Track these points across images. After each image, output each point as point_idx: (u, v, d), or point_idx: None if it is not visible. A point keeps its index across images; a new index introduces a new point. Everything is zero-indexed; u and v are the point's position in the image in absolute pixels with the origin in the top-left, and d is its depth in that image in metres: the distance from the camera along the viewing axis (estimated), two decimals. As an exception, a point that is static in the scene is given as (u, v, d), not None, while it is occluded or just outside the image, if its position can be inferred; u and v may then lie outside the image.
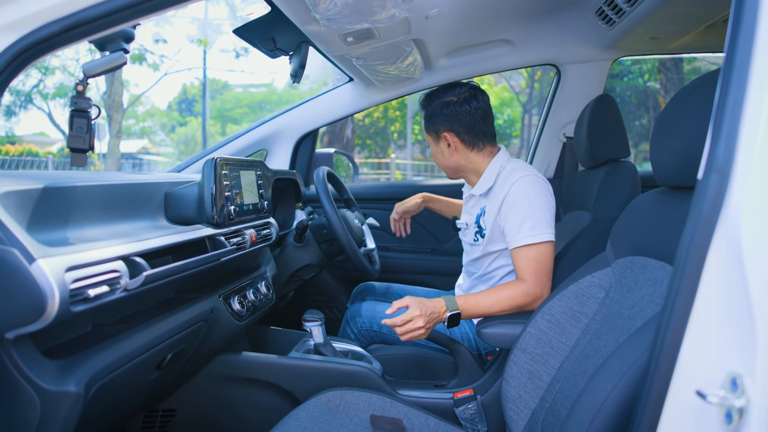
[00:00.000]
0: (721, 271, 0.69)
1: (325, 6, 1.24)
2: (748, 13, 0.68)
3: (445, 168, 1.78)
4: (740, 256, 0.66)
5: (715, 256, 0.69)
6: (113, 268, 0.99)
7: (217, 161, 1.50)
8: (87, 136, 1.14)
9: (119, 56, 1.19)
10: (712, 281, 0.69)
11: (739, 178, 0.67)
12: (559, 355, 1.34)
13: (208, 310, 1.44)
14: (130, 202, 1.37)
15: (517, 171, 1.62)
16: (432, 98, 1.73)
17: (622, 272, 1.26)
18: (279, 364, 1.58)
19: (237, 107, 24.40)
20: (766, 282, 0.65)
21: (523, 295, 1.53)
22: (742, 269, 0.66)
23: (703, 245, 0.70)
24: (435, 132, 1.73)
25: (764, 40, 0.67)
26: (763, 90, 0.66)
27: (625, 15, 1.77)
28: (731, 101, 0.68)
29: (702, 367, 0.70)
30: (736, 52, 0.69)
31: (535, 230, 1.55)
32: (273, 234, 1.81)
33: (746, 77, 0.67)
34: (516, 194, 1.58)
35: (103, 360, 1.05)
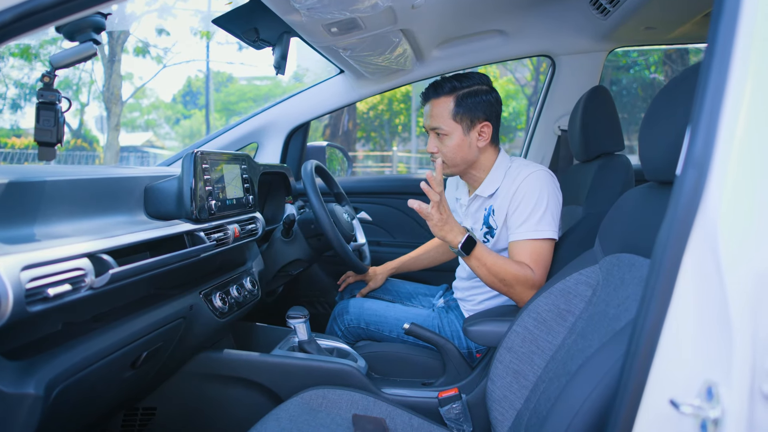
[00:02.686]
0: (698, 273, 0.65)
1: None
2: (729, 9, 0.64)
3: (461, 162, 1.65)
4: (718, 256, 0.62)
5: (692, 257, 0.65)
6: (77, 266, 0.96)
7: (197, 155, 1.47)
8: (54, 129, 1.11)
9: (88, 47, 1.16)
10: (689, 283, 0.65)
11: (717, 174, 0.63)
12: (545, 355, 1.30)
13: (186, 307, 1.40)
14: (107, 197, 1.34)
15: (526, 167, 1.59)
16: (455, 84, 1.61)
17: (610, 270, 1.22)
18: (261, 362, 1.55)
19: (241, 100, 24.38)
20: (744, 284, 0.61)
21: (524, 282, 1.50)
22: (720, 271, 0.62)
23: (679, 246, 0.66)
24: (469, 120, 1.60)
25: (744, 34, 0.63)
26: (742, 85, 0.62)
27: (619, 4, 1.72)
28: (710, 96, 0.64)
29: (677, 374, 0.66)
30: (715, 47, 0.65)
31: (539, 226, 1.53)
32: (259, 229, 1.78)
33: (726, 72, 0.63)
34: (526, 189, 1.55)
35: (69, 359, 1.02)
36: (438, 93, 1.62)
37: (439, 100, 1.62)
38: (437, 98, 1.62)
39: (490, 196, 1.65)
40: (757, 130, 0.62)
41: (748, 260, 0.61)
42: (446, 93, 1.61)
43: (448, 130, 1.61)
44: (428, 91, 1.65)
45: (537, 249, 1.52)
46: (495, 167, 1.66)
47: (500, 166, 1.65)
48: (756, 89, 0.62)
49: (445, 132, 1.61)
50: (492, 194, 1.64)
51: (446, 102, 1.61)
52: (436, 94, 1.62)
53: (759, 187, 0.62)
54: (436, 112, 1.62)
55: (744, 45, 0.63)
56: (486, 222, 1.67)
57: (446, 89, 1.61)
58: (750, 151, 0.62)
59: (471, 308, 1.76)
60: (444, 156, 1.63)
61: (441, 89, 1.62)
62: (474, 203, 1.71)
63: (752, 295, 0.60)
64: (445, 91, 1.61)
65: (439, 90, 1.62)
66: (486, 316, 1.53)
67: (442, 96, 1.61)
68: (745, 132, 0.62)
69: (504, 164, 1.65)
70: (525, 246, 1.53)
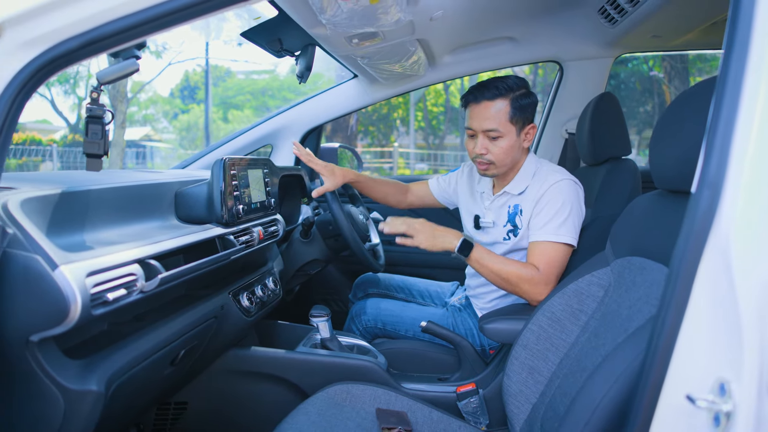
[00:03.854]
0: (712, 283, 0.72)
1: (332, 12, 1.27)
2: (741, 35, 0.71)
3: (510, 162, 1.67)
4: (730, 268, 0.70)
5: (706, 268, 0.73)
6: (130, 272, 1.03)
7: (226, 162, 1.54)
8: (102, 142, 1.17)
9: (132, 63, 1.22)
10: (704, 292, 0.73)
11: (729, 194, 0.71)
12: (559, 352, 1.38)
13: (218, 307, 1.48)
14: (142, 203, 1.40)
15: (556, 173, 1.64)
16: (511, 86, 1.60)
17: (621, 272, 1.29)
18: (287, 359, 1.63)
19: (239, 94, 24.35)
20: (754, 292, 0.68)
21: (528, 280, 1.55)
22: (731, 281, 0.69)
23: (694, 257, 0.73)
24: (522, 122, 1.62)
25: (755, 63, 0.70)
26: (752, 110, 0.69)
27: (627, 14, 1.79)
28: (723, 120, 0.71)
29: (692, 372, 0.74)
30: (728, 73, 0.72)
31: (560, 230, 1.58)
32: (280, 230, 1.85)
33: (738, 98, 0.70)
34: (552, 195, 1.60)
35: (122, 358, 1.09)
36: (493, 94, 1.60)
37: (494, 102, 1.60)
38: (492, 100, 1.60)
39: (519, 194, 1.70)
40: (766, 153, 0.70)
41: (758, 271, 0.69)
42: (502, 95, 1.60)
43: (504, 132, 1.61)
44: (480, 92, 1.62)
45: (551, 251, 1.58)
46: (525, 166, 1.71)
47: (529, 165, 1.71)
48: (765, 116, 0.70)
49: (500, 134, 1.61)
50: (521, 192, 1.69)
51: (503, 103, 1.60)
52: (490, 95, 1.60)
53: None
54: (491, 114, 1.60)
55: (753, 80, 0.70)
56: (512, 220, 1.71)
57: (502, 91, 1.60)
58: (759, 172, 0.70)
59: (483, 306, 1.83)
60: (495, 157, 1.63)
61: (496, 90, 1.60)
62: (500, 199, 1.75)
63: (761, 302, 0.68)
64: (501, 92, 1.60)
65: (494, 91, 1.60)
66: (500, 314, 1.60)
67: (498, 98, 1.60)
68: (755, 155, 0.70)
69: (533, 164, 1.71)
70: (541, 247, 1.59)
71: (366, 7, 1.29)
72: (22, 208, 0.95)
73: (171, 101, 25.07)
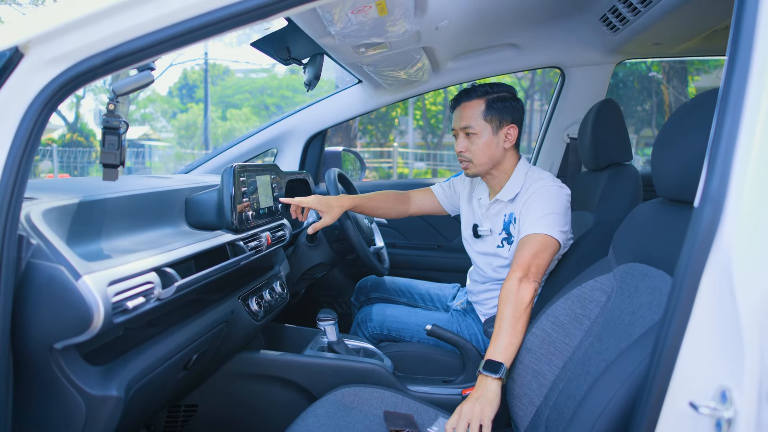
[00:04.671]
0: (714, 294, 0.75)
1: (341, 25, 1.30)
2: (742, 58, 0.74)
3: (488, 160, 1.74)
4: (731, 281, 0.73)
5: (709, 280, 0.76)
6: (148, 280, 1.06)
7: (235, 169, 1.56)
8: (118, 152, 1.20)
9: (147, 75, 1.25)
10: (706, 303, 0.76)
11: (731, 208, 0.74)
12: (563, 356, 1.41)
13: (228, 312, 1.51)
14: (154, 210, 1.43)
15: (542, 180, 1.69)
16: (487, 89, 1.72)
17: (623, 278, 1.32)
18: (295, 362, 1.66)
19: (238, 93, 24.35)
20: (754, 303, 0.72)
21: (517, 295, 1.51)
22: (733, 291, 0.73)
23: (697, 270, 0.76)
24: (498, 121, 1.71)
25: (756, 81, 0.73)
26: (753, 127, 0.72)
27: (629, 23, 1.82)
28: (725, 136, 0.75)
29: (695, 380, 0.77)
30: (730, 91, 0.75)
31: (544, 223, 1.59)
32: (287, 235, 1.88)
33: (739, 115, 0.73)
34: (536, 198, 1.65)
35: (140, 364, 1.12)
36: (470, 96, 1.73)
37: (471, 102, 1.72)
38: (469, 101, 1.73)
39: (510, 200, 1.74)
40: (767, 171, 0.73)
41: (758, 283, 0.72)
42: (478, 96, 1.72)
43: (478, 130, 1.71)
44: (460, 96, 1.76)
45: (535, 244, 1.57)
46: (516, 172, 1.75)
47: (520, 171, 1.75)
48: (767, 133, 0.73)
49: (474, 131, 1.71)
50: (512, 199, 1.74)
51: (478, 104, 1.72)
52: (468, 97, 1.73)
53: (767, 220, 0.73)
54: (467, 114, 1.72)
55: (755, 98, 0.73)
56: (506, 229, 1.76)
57: (478, 93, 1.72)
58: (760, 188, 0.73)
59: (486, 312, 1.86)
60: (472, 154, 1.73)
61: (473, 93, 1.73)
62: (494, 206, 1.80)
63: (761, 313, 0.71)
64: (477, 94, 1.72)
65: (472, 94, 1.73)
66: None
67: (474, 99, 1.72)
68: (757, 171, 0.73)
69: (523, 169, 1.75)
70: (524, 241, 1.59)
71: (375, 20, 1.32)
72: (44, 218, 0.98)
73: (169, 100, 25.07)
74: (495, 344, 1.45)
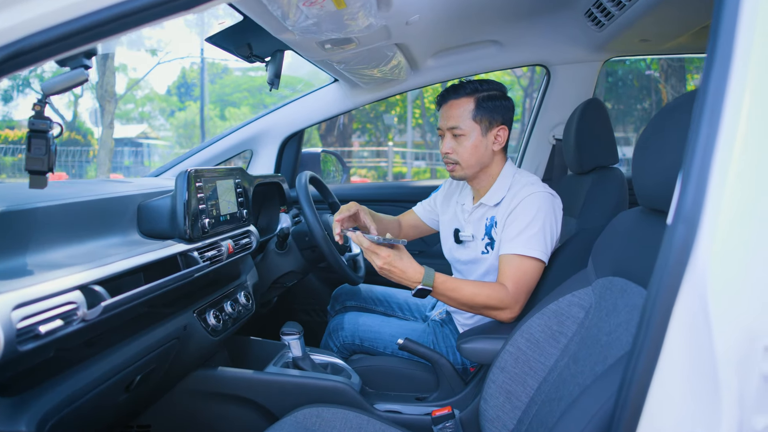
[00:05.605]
0: (688, 326, 0.65)
1: (295, 18, 1.19)
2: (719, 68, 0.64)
3: (476, 163, 1.62)
4: (707, 312, 0.63)
5: (682, 312, 0.66)
6: (69, 300, 0.96)
7: (190, 173, 1.46)
8: (46, 158, 1.10)
9: (80, 73, 1.14)
10: (678, 336, 0.66)
11: (706, 231, 0.63)
12: (538, 376, 1.31)
13: (180, 328, 1.41)
14: (99, 219, 1.33)
15: (530, 186, 1.58)
16: (477, 87, 1.60)
17: (602, 293, 1.23)
18: (255, 380, 1.55)
19: (236, 91, 24.23)
20: (732, 341, 0.62)
21: (498, 299, 1.49)
22: (709, 326, 0.63)
23: (668, 299, 0.66)
24: (488, 122, 1.59)
25: (736, 87, 0.63)
26: (731, 140, 0.62)
27: (614, 18, 1.72)
28: (701, 148, 0.64)
29: (666, 424, 0.67)
30: (707, 97, 0.65)
31: (529, 243, 1.51)
32: (253, 243, 1.78)
33: (717, 127, 0.63)
34: (524, 206, 1.54)
35: (63, 392, 1.02)
36: (459, 94, 1.60)
37: (459, 100, 1.60)
38: (457, 99, 1.60)
39: (495, 205, 1.64)
40: (747, 188, 0.62)
41: (737, 317, 0.62)
42: (467, 94, 1.60)
43: (467, 130, 1.59)
44: (447, 93, 1.63)
45: (521, 267, 1.50)
46: (502, 176, 1.65)
47: (506, 175, 1.65)
48: (745, 146, 0.63)
49: (463, 132, 1.59)
50: (497, 204, 1.63)
51: (466, 103, 1.59)
52: (456, 95, 1.61)
53: (748, 244, 0.62)
54: (455, 113, 1.60)
55: (733, 107, 0.63)
56: (488, 233, 1.65)
57: (467, 90, 1.60)
58: (739, 206, 0.63)
59: (464, 322, 1.76)
60: (459, 156, 1.61)
61: (462, 90, 1.60)
62: (478, 211, 1.69)
63: (740, 353, 0.61)
64: (466, 92, 1.60)
65: (460, 91, 1.60)
66: (480, 332, 1.54)
67: (463, 97, 1.60)
68: (736, 187, 0.63)
69: (510, 173, 1.65)
70: (510, 261, 1.52)
71: (332, 13, 1.21)
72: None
73: (168, 98, 24.97)
74: (452, 283, 1.50)
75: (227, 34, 1.52)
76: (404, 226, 2.01)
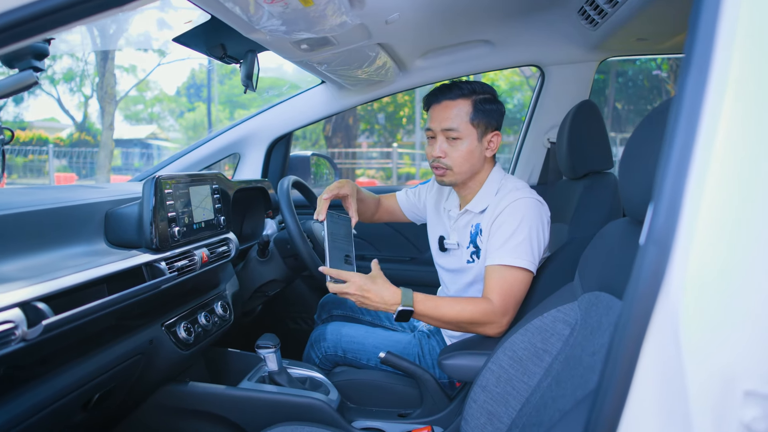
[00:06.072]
0: (659, 364, 0.58)
1: (258, 17, 1.12)
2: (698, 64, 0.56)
3: (468, 170, 1.53)
4: (679, 348, 0.55)
5: (652, 344, 0.58)
6: (6, 318, 0.90)
7: (158, 179, 1.40)
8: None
9: (28, 75, 1.08)
10: (648, 375, 0.58)
11: (679, 255, 0.56)
12: (521, 396, 1.23)
13: (145, 342, 1.34)
14: (62, 228, 1.27)
15: (516, 191, 1.49)
16: (475, 88, 1.50)
17: (588, 309, 1.15)
18: (228, 396, 1.48)
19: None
20: (707, 383, 0.54)
21: (484, 315, 1.40)
22: (682, 365, 0.55)
23: (638, 332, 0.58)
24: (484, 126, 1.50)
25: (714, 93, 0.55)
26: (708, 153, 0.54)
27: (607, 16, 1.63)
28: (675, 162, 0.57)
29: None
30: (683, 101, 0.57)
31: (515, 253, 1.42)
32: (232, 250, 1.71)
33: (692, 141, 0.55)
34: (509, 213, 1.45)
35: (9, 412, 0.96)
36: (455, 94, 1.50)
37: (455, 101, 1.50)
38: (453, 100, 1.50)
39: (480, 212, 1.55)
40: (725, 209, 0.55)
41: (712, 355, 0.54)
42: (464, 95, 1.50)
43: (463, 134, 1.49)
44: (441, 92, 1.52)
45: (508, 279, 1.42)
46: (488, 181, 1.56)
47: (493, 180, 1.56)
48: (724, 160, 0.55)
49: (458, 135, 1.49)
50: (483, 210, 1.54)
51: (463, 104, 1.49)
52: (452, 95, 1.50)
53: (727, 270, 0.54)
54: (452, 114, 1.49)
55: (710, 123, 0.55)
56: (473, 241, 1.57)
57: (464, 91, 1.50)
58: (717, 229, 0.55)
59: (452, 334, 1.68)
60: (452, 161, 1.51)
61: (459, 91, 1.50)
62: (463, 218, 1.61)
63: (716, 398, 0.53)
64: (463, 93, 1.50)
65: (457, 91, 1.50)
66: (463, 348, 1.46)
67: (460, 98, 1.50)
68: (712, 206, 0.55)
69: (497, 179, 1.56)
70: (497, 272, 1.43)
71: (299, 11, 1.14)
72: None
73: (177, 99, 25.03)
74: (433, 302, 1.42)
75: (196, 34, 1.45)
76: (381, 208, 1.92)
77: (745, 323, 0.53)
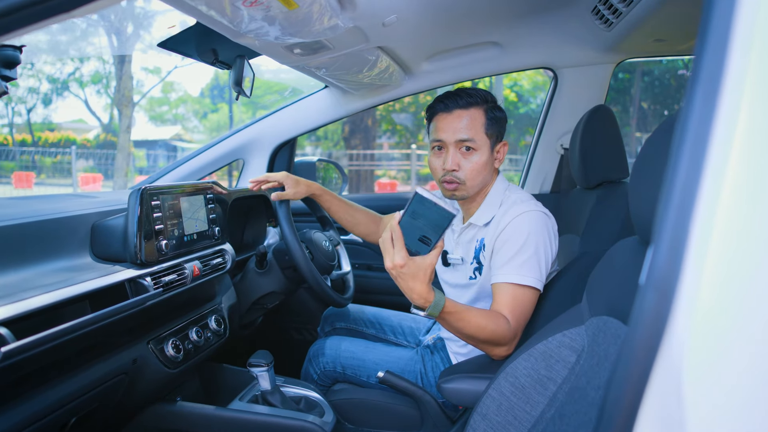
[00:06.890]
0: (660, 424, 0.49)
1: (238, 21, 1.05)
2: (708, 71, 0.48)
3: (481, 183, 1.44)
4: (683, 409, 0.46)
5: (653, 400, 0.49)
6: (-38, 345, 0.84)
7: (143, 191, 1.34)
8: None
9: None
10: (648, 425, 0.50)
11: (684, 301, 0.47)
12: (523, 427, 1.14)
13: (129, 362, 1.28)
14: (44, 241, 1.22)
15: (521, 204, 1.39)
16: (486, 96, 1.43)
17: (595, 335, 1.05)
18: (216, 417, 1.42)
19: (267, 93, 24.36)
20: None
21: (502, 337, 1.29)
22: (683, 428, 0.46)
23: (638, 387, 0.50)
24: (496, 137, 1.43)
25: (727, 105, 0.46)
26: (719, 181, 0.46)
27: (622, 15, 1.52)
28: (678, 193, 0.48)
29: None
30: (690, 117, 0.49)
31: (522, 270, 1.33)
32: (228, 262, 1.65)
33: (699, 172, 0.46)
34: (514, 228, 1.36)
35: None
36: (467, 102, 1.40)
37: (468, 111, 1.40)
38: (466, 109, 1.40)
39: (485, 225, 1.46)
40: (739, 244, 0.46)
41: (720, 417, 0.45)
42: (477, 104, 1.41)
43: (480, 145, 1.40)
44: (451, 100, 1.42)
45: (518, 297, 1.33)
46: (492, 193, 1.48)
47: (498, 191, 1.47)
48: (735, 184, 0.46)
49: (476, 146, 1.40)
50: (487, 223, 1.46)
51: (478, 114, 1.40)
52: (466, 103, 1.40)
53: (736, 321, 0.46)
54: (467, 124, 1.40)
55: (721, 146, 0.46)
56: (477, 257, 1.48)
57: (478, 100, 1.41)
58: (726, 270, 0.46)
59: (458, 350, 1.59)
60: (467, 174, 1.41)
61: (472, 99, 1.41)
62: (467, 232, 1.52)
63: None
64: (476, 101, 1.41)
65: (468, 99, 1.40)
66: (464, 371, 1.37)
67: (473, 107, 1.40)
68: (718, 252, 0.46)
69: (501, 189, 1.48)
70: (506, 291, 1.34)
71: (286, 14, 1.07)
72: None
73: (201, 100, 25.30)
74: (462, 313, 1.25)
75: (183, 38, 1.39)
76: (383, 224, 1.85)
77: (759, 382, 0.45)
